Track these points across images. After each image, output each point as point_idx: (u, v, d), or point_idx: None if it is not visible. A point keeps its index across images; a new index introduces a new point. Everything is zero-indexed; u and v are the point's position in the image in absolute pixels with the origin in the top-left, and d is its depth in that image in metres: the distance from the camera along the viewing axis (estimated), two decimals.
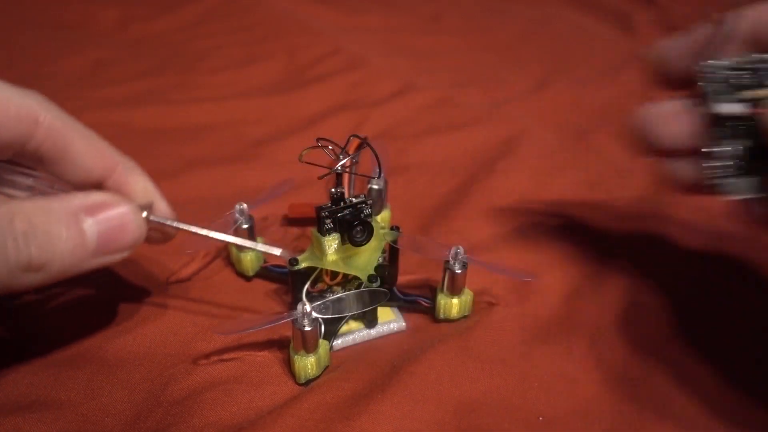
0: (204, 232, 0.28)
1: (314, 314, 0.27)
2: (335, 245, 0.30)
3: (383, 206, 0.36)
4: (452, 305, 0.31)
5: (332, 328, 0.30)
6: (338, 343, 0.31)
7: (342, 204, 0.30)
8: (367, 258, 0.31)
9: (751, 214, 0.25)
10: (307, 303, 0.27)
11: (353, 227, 0.29)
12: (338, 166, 0.29)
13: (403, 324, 0.32)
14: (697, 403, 0.28)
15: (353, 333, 0.31)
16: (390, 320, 0.32)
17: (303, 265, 0.30)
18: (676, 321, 0.32)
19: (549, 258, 0.36)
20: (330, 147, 0.30)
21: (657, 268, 0.35)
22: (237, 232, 0.33)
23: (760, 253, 0.37)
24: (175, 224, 0.28)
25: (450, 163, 0.47)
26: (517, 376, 0.29)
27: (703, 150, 0.24)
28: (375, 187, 0.35)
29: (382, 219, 0.36)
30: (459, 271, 0.30)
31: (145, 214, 0.26)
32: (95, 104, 0.54)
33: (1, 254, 0.21)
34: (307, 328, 0.27)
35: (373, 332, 0.31)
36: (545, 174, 0.45)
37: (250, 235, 0.33)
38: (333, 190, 0.30)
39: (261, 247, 0.30)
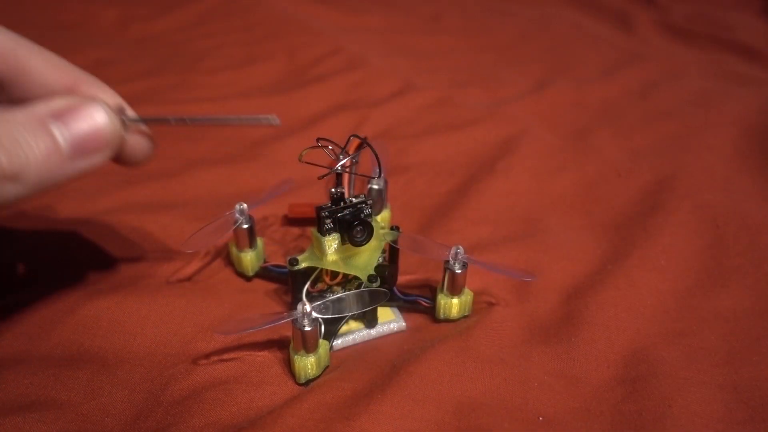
0: (179, 118, 0.26)
1: (314, 314, 0.27)
2: (335, 245, 0.30)
3: (383, 206, 0.36)
4: (452, 305, 0.31)
5: (332, 328, 0.30)
6: (338, 343, 0.31)
7: (342, 204, 0.30)
8: (367, 258, 0.31)
9: None
10: (307, 303, 0.27)
11: (353, 227, 0.29)
12: (338, 166, 0.29)
13: (403, 324, 0.32)
14: (697, 402, 0.28)
15: (353, 333, 0.31)
16: (390, 320, 0.32)
17: (303, 265, 0.30)
18: (676, 321, 0.32)
19: (549, 258, 0.36)
20: (330, 147, 0.30)
21: (657, 268, 0.35)
22: (237, 232, 0.33)
23: None
24: (150, 119, 0.26)
25: (450, 163, 0.47)
26: (517, 376, 0.29)
27: None
28: (375, 187, 0.35)
29: (382, 219, 0.36)
30: (459, 271, 0.30)
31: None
32: None
33: None
34: (307, 328, 0.27)
35: (373, 332, 0.31)
36: (545, 174, 0.45)
37: (250, 235, 0.33)
38: (333, 190, 0.30)
39: (248, 118, 0.27)
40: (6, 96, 0.25)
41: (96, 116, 0.24)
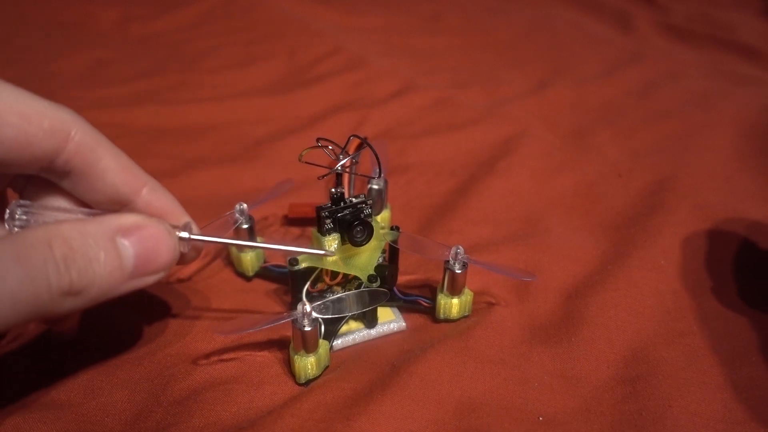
0: (249, 243, 0.29)
1: (314, 314, 0.27)
2: (335, 245, 0.30)
3: (383, 206, 0.36)
4: (452, 305, 0.31)
5: (332, 328, 0.30)
6: (338, 343, 0.31)
7: (342, 204, 0.30)
8: (367, 258, 0.31)
9: None
10: (307, 303, 0.27)
11: (353, 227, 0.29)
12: (338, 166, 0.29)
13: (403, 324, 0.32)
14: (697, 402, 0.28)
15: (353, 333, 0.31)
16: (390, 320, 0.32)
17: (303, 265, 0.30)
18: (676, 321, 0.32)
19: (549, 258, 0.36)
20: (330, 147, 0.30)
21: (657, 268, 0.35)
22: (237, 232, 0.33)
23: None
24: (218, 240, 0.28)
25: (450, 163, 0.47)
26: (517, 376, 0.29)
27: None
28: (375, 187, 0.35)
29: (382, 219, 0.36)
30: (459, 271, 0.30)
31: (186, 234, 0.26)
32: (95, 104, 0.54)
33: (42, 279, 0.20)
34: (307, 328, 0.27)
35: (373, 332, 0.31)
36: (545, 174, 0.45)
37: (250, 235, 0.33)
38: (333, 190, 0.30)
39: (312, 251, 0.29)
40: (70, 184, 0.26)
41: (161, 239, 0.24)
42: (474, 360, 0.29)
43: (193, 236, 0.26)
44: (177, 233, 0.26)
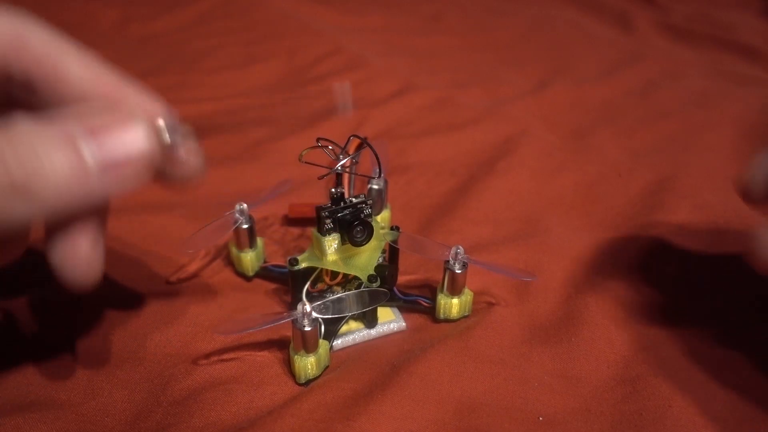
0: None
1: (314, 314, 0.27)
2: (335, 245, 0.30)
3: (383, 206, 0.36)
4: (452, 305, 0.31)
5: (332, 328, 0.30)
6: (338, 343, 0.31)
7: (342, 204, 0.30)
8: (367, 258, 0.31)
9: None
10: (307, 303, 0.27)
11: (353, 227, 0.29)
12: (338, 166, 0.29)
13: (403, 324, 0.32)
14: (697, 402, 0.28)
15: (353, 333, 0.31)
16: (390, 320, 0.32)
17: (303, 265, 0.30)
18: (676, 321, 0.32)
19: (549, 258, 0.36)
20: (330, 147, 0.30)
21: (657, 268, 0.35)
22: (237, 232, 0.33)
23: None
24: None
25: (450, 163, 0.47)
26: (517, 376, 0.29)
27: None
28: (375, 187, 0.35)
29: (382, 219, 0.36)
30: (459, 271, 0.30)
31: (162, 123, 0.22)
32: None
33: None
34: (307, 328, 0.27)
35: (373, 332, 0.31)
36: (545, 174, 0.45)
37: (250, 235, 0.33)
38: (333, 190, 0.30)
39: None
40: (39, 100, 0.23)
41: (134, 137, 0.21)
42: (474, 360, 0.29)
43: (174, 124, 0.22)
44: (157, 122, 0.22)
